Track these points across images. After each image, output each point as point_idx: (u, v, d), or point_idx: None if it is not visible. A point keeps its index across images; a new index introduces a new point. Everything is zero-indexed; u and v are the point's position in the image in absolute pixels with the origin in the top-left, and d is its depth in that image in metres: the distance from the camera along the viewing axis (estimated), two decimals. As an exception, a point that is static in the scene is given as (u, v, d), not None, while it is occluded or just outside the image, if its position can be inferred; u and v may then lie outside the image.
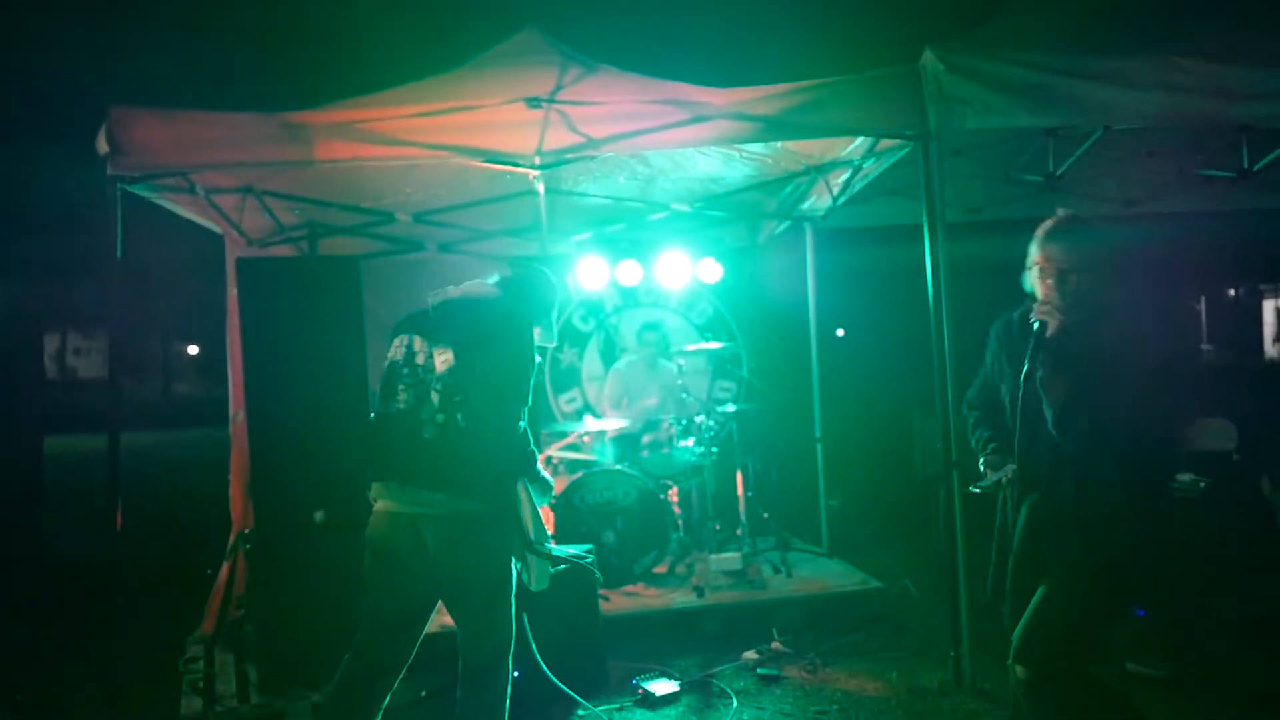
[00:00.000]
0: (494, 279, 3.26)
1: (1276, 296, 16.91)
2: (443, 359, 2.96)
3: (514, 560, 3.08)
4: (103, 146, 4.12)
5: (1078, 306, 2.97)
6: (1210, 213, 6.74)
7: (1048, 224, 3.11)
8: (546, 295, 3.33)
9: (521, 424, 3.00)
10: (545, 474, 3.15)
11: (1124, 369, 2.87)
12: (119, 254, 4.23)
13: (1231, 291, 16.25)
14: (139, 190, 4.49)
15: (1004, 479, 3.14)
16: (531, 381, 3.04)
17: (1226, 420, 4.77)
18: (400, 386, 2.99)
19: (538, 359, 3.10)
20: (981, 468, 3.27)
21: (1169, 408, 3.07)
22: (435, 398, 2.93)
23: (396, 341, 3.07)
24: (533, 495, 3.10)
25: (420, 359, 3.00)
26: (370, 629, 3.03)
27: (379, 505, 3.04)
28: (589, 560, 3.27)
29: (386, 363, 3.07)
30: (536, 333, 3.24)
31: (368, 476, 3.07)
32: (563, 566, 3.24)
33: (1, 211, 9.45)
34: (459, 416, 2.91)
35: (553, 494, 3.25)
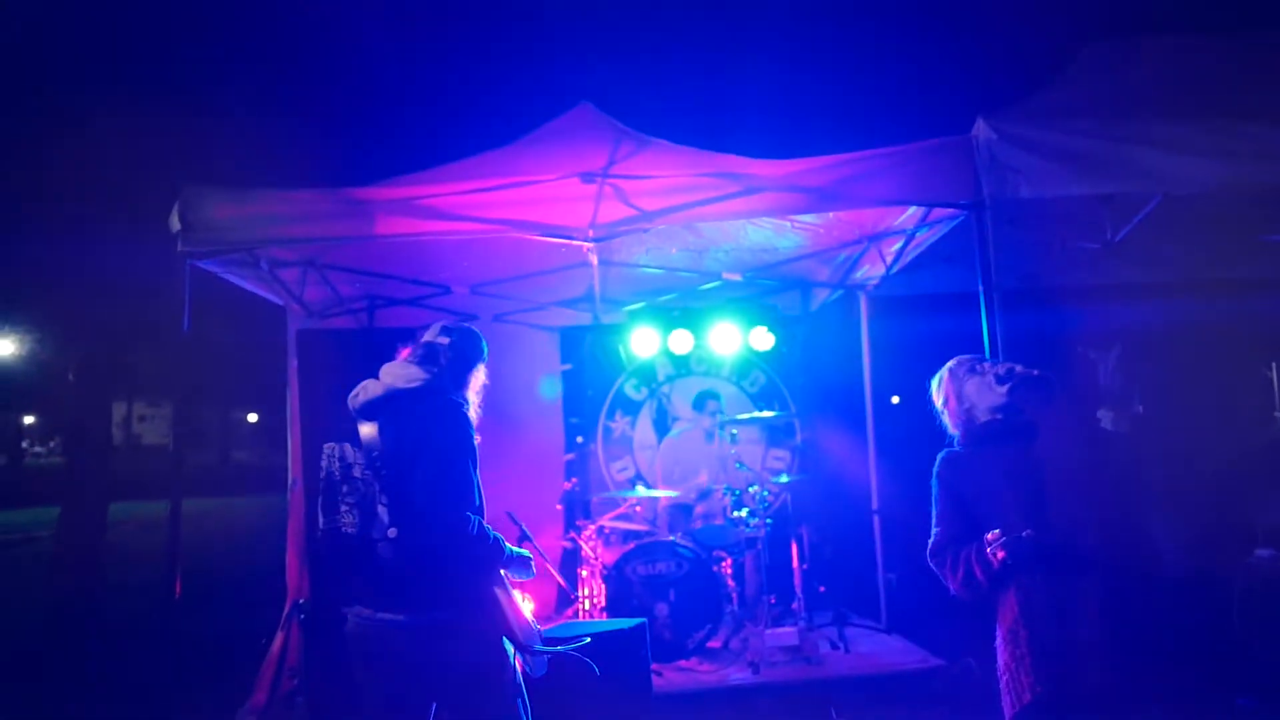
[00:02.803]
0: (415, 357, 3.03)
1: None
2: (380, 468, 2.79)
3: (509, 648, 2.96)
4: (175, 224, 4.29)
5: None
6: (1275, 279, 6.57)
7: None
8: (476, 353, 3.14)
9: (476, 518, 2.82)
10: (517, 550, 3.01)
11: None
12: (186, 326, 4.37)
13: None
14: (207, 265, 4.65)
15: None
16: (474, 469, 2.84)
17: None
18: (343, 506, 2.81)
19: (474, 447, 2.88)
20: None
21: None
22: (383, 512, 2.77)
23: (328, 450, 2.89)
24: (509, 590, 2.97)
25: (358, 471, 2.83)
26: None
27: (352, 614, 2.90)
28: (584, 643, 3.16)
29: (322, 473, 2.88)
30: (475, 392, 3.10)
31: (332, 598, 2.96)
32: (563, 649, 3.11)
33: (79, 284, 9.83)
34: (412, 528, 2.75)
35: (532, 568, 3.10)
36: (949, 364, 3.22)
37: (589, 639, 3.21)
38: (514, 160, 5.04)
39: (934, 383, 3.25)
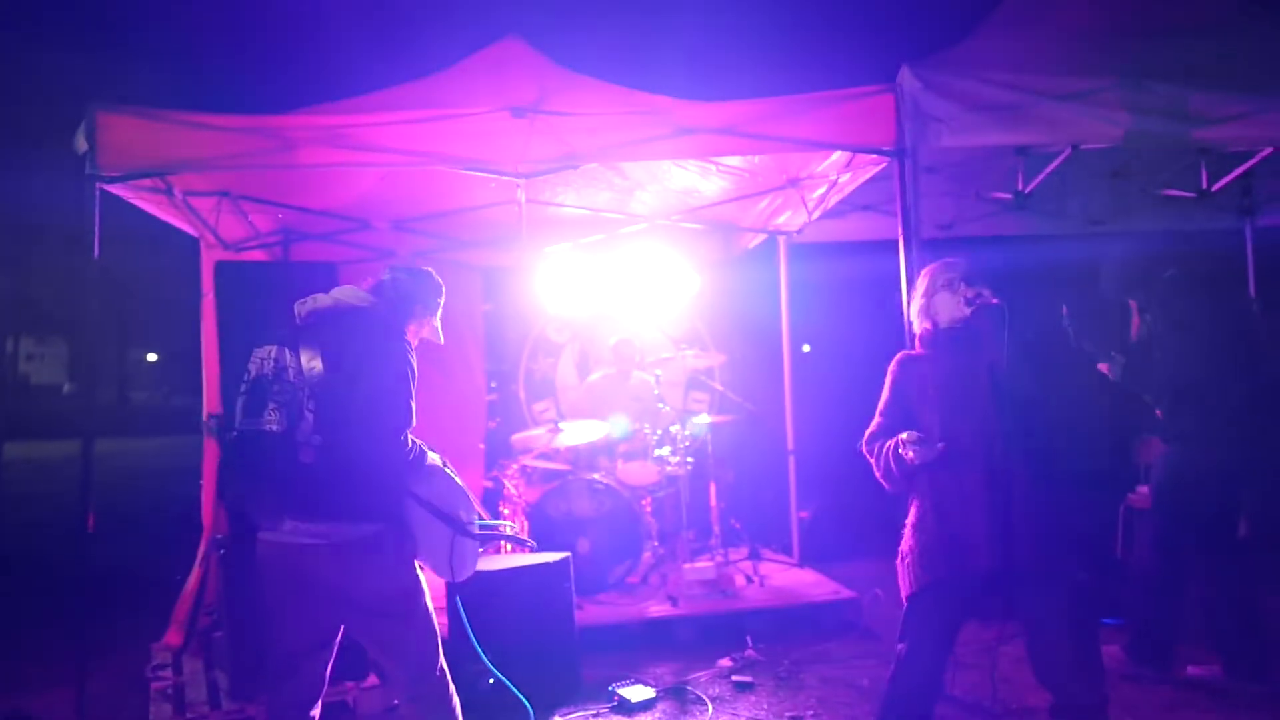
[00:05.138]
0: (368, 286, 3.13)
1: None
2: (313, 375, 2.82)
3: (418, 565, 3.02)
4: (81, 145, 4.08)
5: None
6: (1171, 231, 6.93)
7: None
8: (428, 297, 3.23)
9: (407, 434, 2.87)
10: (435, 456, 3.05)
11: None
12: (96, 254, 4.20)
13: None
14: (116, 191, 4.44)
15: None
16: (412, 392, 2.90)
17: None
18: (271, 405, 2.82)
19: (413, 370, 2.94)
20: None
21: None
22: (310, 417, 2.80)
23: (262, 354, 2.91)
24: (445, 477, 3.02)
25: (291, 375, 2.85)
26: (279, 661, 2.97)
27: (266, 536, 2.88)
28: (515, 531, 3.29)
29: (250, 376, 2.89)
30: (418, 335, 3.19)
31: (240, 503, 2.97)
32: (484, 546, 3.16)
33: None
34: (337, 436, 2.79)
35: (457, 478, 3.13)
36: (933, 266, 3.41)
37: (519, 530, 3.25)
38: (440, 92, 4.93)
39: (918, 281, 3.46)
